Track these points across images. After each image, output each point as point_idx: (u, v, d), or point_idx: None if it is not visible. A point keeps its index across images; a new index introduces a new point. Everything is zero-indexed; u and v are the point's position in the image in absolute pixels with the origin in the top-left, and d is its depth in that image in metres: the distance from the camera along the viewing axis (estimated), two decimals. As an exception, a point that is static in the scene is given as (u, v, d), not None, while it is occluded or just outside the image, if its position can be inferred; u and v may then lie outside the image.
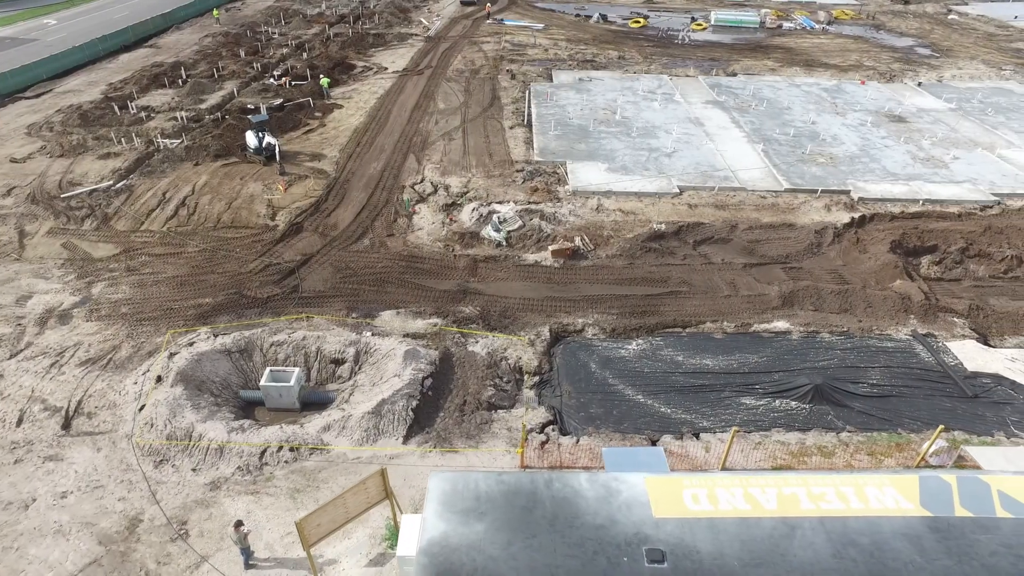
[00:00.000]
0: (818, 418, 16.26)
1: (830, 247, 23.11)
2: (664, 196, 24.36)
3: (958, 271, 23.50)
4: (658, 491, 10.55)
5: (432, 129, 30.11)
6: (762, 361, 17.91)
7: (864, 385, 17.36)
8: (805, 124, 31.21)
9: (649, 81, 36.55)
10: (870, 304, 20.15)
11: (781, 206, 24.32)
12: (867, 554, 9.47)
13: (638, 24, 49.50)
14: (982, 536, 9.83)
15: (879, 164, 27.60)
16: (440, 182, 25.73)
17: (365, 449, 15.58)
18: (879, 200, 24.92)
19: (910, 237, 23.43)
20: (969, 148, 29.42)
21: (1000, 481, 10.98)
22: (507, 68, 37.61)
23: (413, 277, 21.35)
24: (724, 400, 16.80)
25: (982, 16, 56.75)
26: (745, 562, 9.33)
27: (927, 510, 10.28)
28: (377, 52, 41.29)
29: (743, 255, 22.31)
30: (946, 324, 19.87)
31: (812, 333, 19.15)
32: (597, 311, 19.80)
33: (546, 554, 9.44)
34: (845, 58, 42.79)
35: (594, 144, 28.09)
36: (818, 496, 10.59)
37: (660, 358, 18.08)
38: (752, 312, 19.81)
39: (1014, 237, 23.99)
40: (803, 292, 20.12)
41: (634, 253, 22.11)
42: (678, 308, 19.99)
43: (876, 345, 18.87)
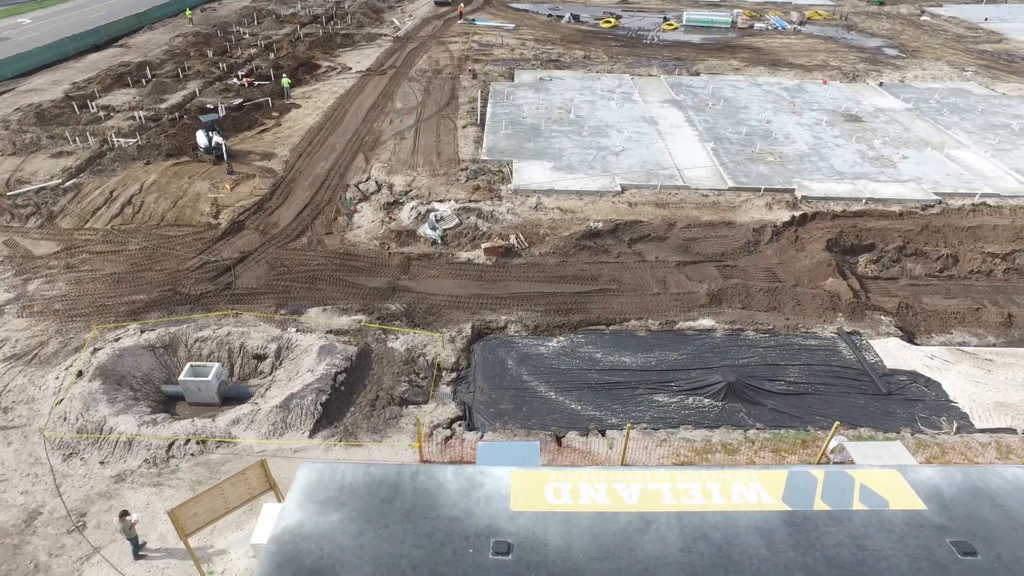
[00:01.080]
0: (729, 415, 16.30)
1: (768, 245, 23.15)
2: (605, 194, 24.43)
3: (895, 270, 23.53)
4: (521, 485, 10.62)
5: (385, 129, 30.25)
6: (681, 359, 17.96)
7: (780, 383, 17.37)
8: (760, 123, 31.25)
9: (610, 80, 36.63)
10: (799, 302, 20.16)
11: (723, 204, 24.37)
12: (716, 548, 9.51)
13: (609, 24, 49.64)
14: (833, 528, 9.87)
15: (827, 163, 27.60)
16: (385, 181, 25.87)
17: (271, 442, 15.70)
18: (822, 199, 24.91)
19: (848, 236, 23.43)
20: (919, 148, 29.38)
21: (865, 475, 11.02)
22: (470, 68, 37.72)
23: (346, 275, 21.51)
24: (637, 397, 16.82)
25: (954, 18, 56.78)
26: (591, 556, 9.39)
27: (787, 504, 10.31)
28: (344, 52, 41.47)
29: (678, 253, 22.36)
30: (873, 322, 19.91)
31: (737, 331, 19.18)
32: (522, 308, 19.85)
33: (394, 544, 9.53)
34: (812, 58, 42.81)
35: (543, 143, 28.18)
36: (682, 492, 10.63)
37: (578, 355, 18.14)
38: (679, 310, 19.85)
39: (951, 236, 23.98)
40: (731, 290, 20.14)
41: (567, 251, 22.18)
42: (605, 306, 20.05)
43: (800, 343, 18.88)
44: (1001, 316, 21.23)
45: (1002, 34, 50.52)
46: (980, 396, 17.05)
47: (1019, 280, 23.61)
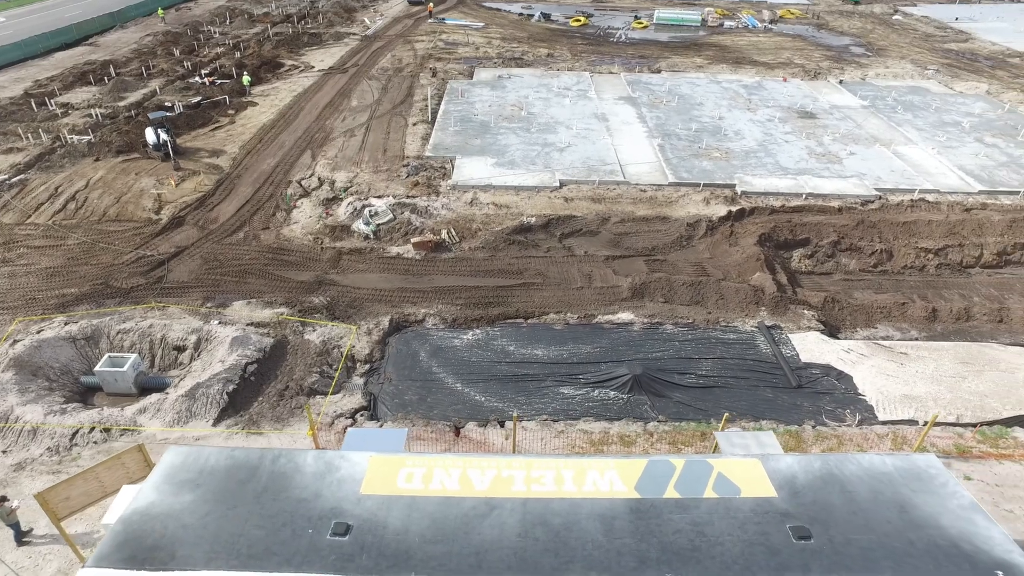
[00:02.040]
0: (633, 408, 16.34)
1: (701, 240, 23.18)
2: (543, 190, 24.50)
3: (830, 264, 23.52)
4: (377, 470, 10.72)
5: (337, 126, 30.43)
6: (594, 352, 18.00)
7: (691, 376, 17.46)
8: (712, 120, 31.25)
9: (568, 78, 36.70)
10: (722, 296, 20.18)
11: (660, 200, 24.40)
12: (553, 534, 9.56)
13: (578, 23, 49.75)
14: (677, 515, 9.91)
15: (773, 159, 27.57)
16: (328, 177, 26.04)
17: (175, 430, 15.88)
18: (762, 194, 24.88)
19: (782, 230, 23.42)
20: (868, 144, 29.32)
21: (724, 464, 11.05)
22: (431, 66, 37.93)
23: (276, 269, 21.64)
24: (543, 389, 16.88)
25: (926, 17, 56.67)
26: (426, 539, 9.48)
27: (638, 492, 10.35)
28: (310, 51, 41.69)
29: (608, 248, 22.42)
30: (795, 316, 19.91)
31: (655, 325, 19.24)
32: (443, 302, 19.99)
33: (237, 524, 9.65)
34: (777, 56, 42.77)
35: (490, 139, 28.29)
36: (535, 479, 10.69)
37: (491, 348, 18.21)
38: (601, 304, 19.93)
39: (886, 231, 23.95)
40: (654, 284, 20.19)
41: (497, 246, 22.28)
42: (527, 299, 20.12)
43: (718, 337, 18.89)
44: (925, 311, 21.22)
45: (970, 34, 50.39)
46: (888, 389, 17.04)
47: (951, 275, 23.62)
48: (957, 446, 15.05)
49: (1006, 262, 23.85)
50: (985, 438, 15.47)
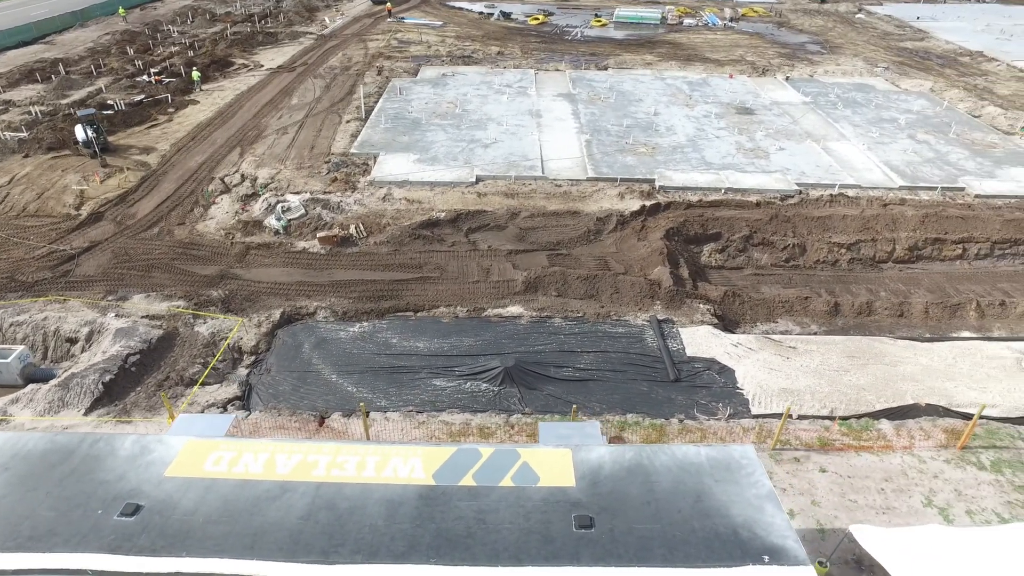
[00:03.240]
0: (503, 400, 16.29)
1: (610, 235, 23.16)
2: (459, 185, 24.53)
3: (741, 259, 23.47)
4: (189, 454, 10.79)
5: (271, 124, 30.55)
6: (476, 345, 17.93)
7: (568, 369, 17.39)
8: (646, 116, 31.20)
9: (512, 75, 36.71)
10: (617, 290, 20.16)
11: (574, 194, 24.39)
12: (336, 517, 9.59)
13: (536, 21, 49.92)
14: (464, 503, 9.92)
15: (700, 154, 27.48)
16: (251, 174, 26.15)
17: (44, 419, 15.98)
18: (681, 188, 24.80)
19: (692, 225, 23.37)
20: (799, 140, 29.16)
21: (533, 454, 11.01)
22: (378, 64, 38.08)
23: (183, 263, 21.78)
24: (416, 381, 16.86)
25: (888, 16, 56.54)
26: (211, 520, 9.54)
27: (434, 480, 10.37)
28: (264, 50, 41.92)
29: (513, 242, 22.43)
30: (691, 310, 19.83)
31: (545, 318, 19.22)
32: (338, 295, 20.05)
33: (29, 507, 9.71)
34: (730, 53, 42.69)
35: (418, 136, 28.35)
36: (339, 464, 10.73)
37: (374, 340, 18.25)
38: (493, 297, 19.93)
39: (800, 226, 23.83)
40: (548, 278, 20.15)
41: (402, 240, 22.33)
42: (421, 293, 20.18)
43: (606, 330, 18.80)
44: (827, 305, 21.11)
45: (928, 32, 50.20)
46: (769, 383, 16.94)
47: (863, 270, 23.55)
48: (820, 439, 14.97)
49: (917, 257, 23.75)
50: (850, 431, 15.43)
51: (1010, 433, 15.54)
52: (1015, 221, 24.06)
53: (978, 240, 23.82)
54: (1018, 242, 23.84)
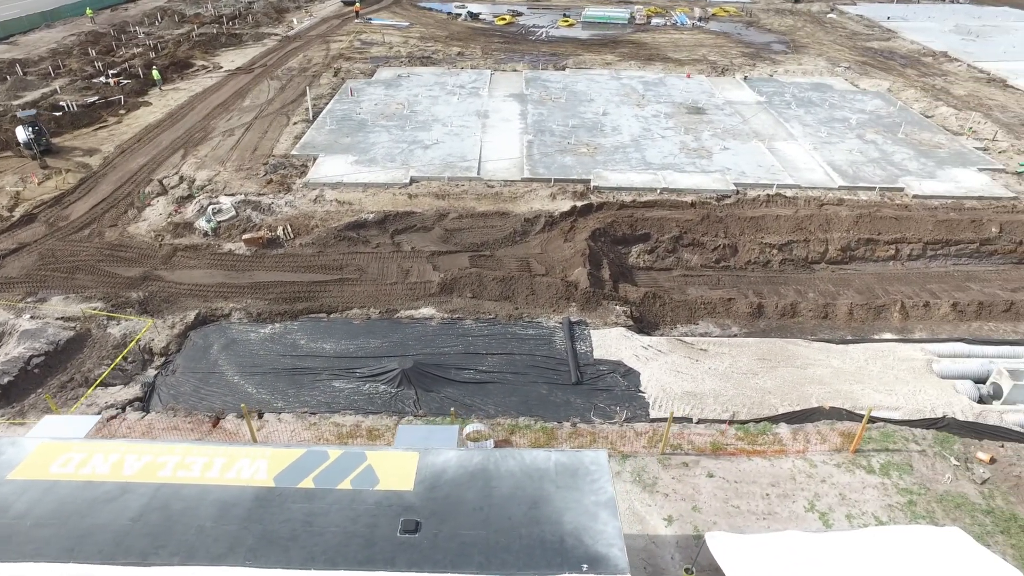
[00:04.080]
0: (399, 402, 16.19)
1: (537, 235, 23.01)
2: (392, 187, 24.44)
3: (670, 260, 23.34)
4: (40, 456, 10.64)
5: (219, 125, 30.56)
6: (382, 346, 17.82)
7: (470, 371, 17.31)
8: (595, 116, 31.07)
9: (467, 76, 36.64)
10: (533, 291, 20.02)
11: (505, 195, 24.27)
12: (166, 518, 9.52)
13: (503, 21, 49.86)
14: (297, 505, 9.81)
15: (641, 154, 27.29)
16: (190, 176, 26.11)
17: (-65, 422, 16.21)
18: (616, 189, 24.65)
19: (621, 225, 23.26)
20: (746, 140, 28.98)
21: (380, 457, 10.92)
22: (336, 66, 38.06)
23: (109, 265, 21.75)
24: (317, 383, 16.77)
25: (860, 16, 56.24)
26: (40, 523, 9.45)
27: (274, 482, 10.28)
28: (226, 52, 41.96)
29: (437, 243, 22.33)
30: (606, 311, 19.68)
31: (455, 320, 19.16)
32: (256, 296, 19.96)
33: None
34: (693, 53, 42.54)
35: (361, 138, 28.26)
36: (187, 465, 10.65)
37: (282, 342, 18.15)
38: (409, 299, 19.84)
39: (733, 227, 23.68)
40: (465, 279, 20.05)
41: (328, 242, 22.26)
42: (338, 294, 20.07)
43: (516, 332, 18.57)
44: (750, 307, 20.97)
45: (896, 32, 49.91)
46: (673, 386, 16.80)
47: (794, 271, 23.36)
48: (714, 443, 14.81)
49: (850, 258, 23.55)
50: (745, 435, 15.26)
51: (905, 436, 15.35)
52: (947, 222, 23.84)
53: (911, 241, 23.60)
54: (950, 243, 23.64)
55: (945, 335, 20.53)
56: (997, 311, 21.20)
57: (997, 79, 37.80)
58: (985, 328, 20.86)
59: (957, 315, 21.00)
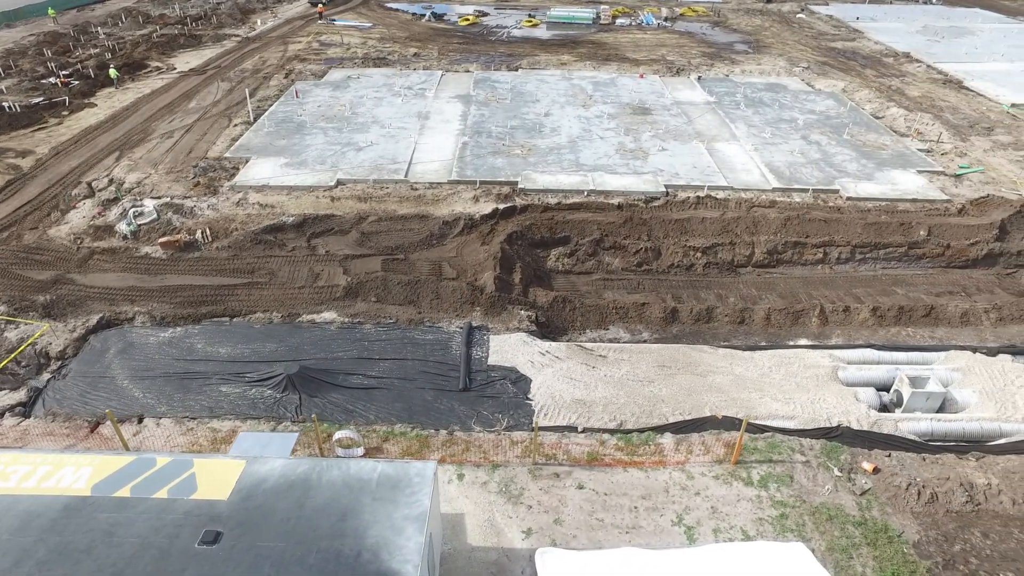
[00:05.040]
0: (281, 407, 15.86)
1: (455, 239, 22.72)
2: (317, 189, 24.19)
3: (591, 263, 23.03)
4: None
5: (160, 128, 30.40)
6: (277, 350, 17.52)
7: (359, 376, 16.99)
8: (537, 117, 30.77)
9: (418, 77, 36.39)
10: (438, 296, 19.74)
11: (428, 198, 24.03)
12: None
13: (467, 22, 49.58)
14: (104, 514, 9.65)
15: (576, 155, 26.95)
16: (120, 178, 25.95)
17: None
18: (542, 191, 24.36)
19: (540, 228, 22.93)
20: (686, 140, 28.65)
21: (206, 464, 10.73)
22: (287, 67, 37.79)
23: (20, 268, 21.53)
24: (204, 387, 16.50)
25: (830, 16, 55.67)
26: None
27: (91, 491, 10.09)
28: (183, 53, 41.85)
29: (352, 247, 22.06)
30: (511, 317, 19.35)
31: (355, 324, 18.85)
32: (163, 300, 19.75)
33: None
34: (652, 53, 42.18)
35: (297, 140, 28.01)
36: (6, 475, 10.45)
37: (180, 346, 17.92)
38: (314, 303, 19.56)
39: (657, 229, 23.33)
40: (370, 283, 19.78)
41: (244, 245, 22.01)
42: (246, 298, 19.80)
43: (415, 337, 18.22)
44: (664, 311, 20.69)
45: (863, 33, 49.47)
46: (563, 393, 16.45)
47: (718, 274, 23.00)
48: (591, 454, 14.50)
49: (778, 261, 23.19)
50: (626, 445, 14.95)
51: (792, 446, 15.01)
52: (877, 225, 23.46)
53: (839, 244, 23.22)
54: (878, 246, 23.26)
55: (862, 340, 20.23)
56: (917, 316, 20.87)
57: (954, 80, 37.41)
58: (903, 334, 20.54)
59: (877, 320, 20.68)
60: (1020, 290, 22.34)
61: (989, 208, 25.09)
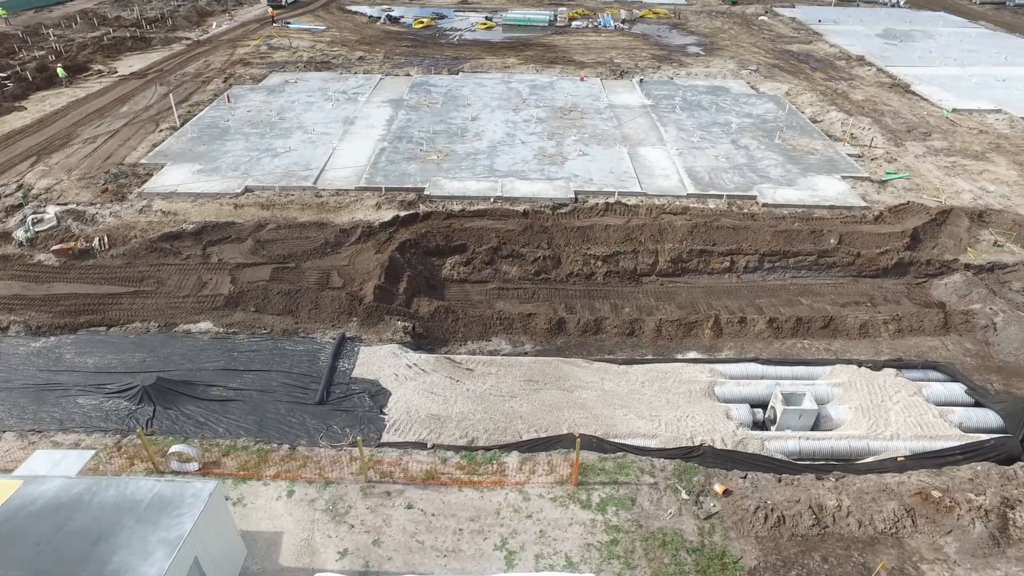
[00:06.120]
0: (135, 419, 15.48)
1: (351, 247, 22.35)
2: (223, 196, 23.87)
3: (487, 272, 22.61)
4: None
5: (84, 132, 30.16)
6: (145, 361, 17.22)
7: (219, 388, 16.67)
8: (464, 121, 30.42)
9: (356, 81, 36.09)
10: (317, 306, 19.41)
11: (331, 205, 23.70)
12: None
13: (421, 24, 49.22)
14: None
15: (491, 161, 26.54)
16: (31, 184, 25.67)
17: None
18: (448, 197, 23.98)
19: (435, 236, 22.54)
20: (610, 145, 28.18)
21: None
22: (229, 71, 37.56)
23: (-94, 277, 21.75)
24: (61, 399, 16.21)
25: (793, 18, 54.96)
26: None
27: None
28: (130, 56, 41.68)
29: (246, 255, 21.72)
30: (387, 327, 18.97)
31: (232, 334, 18.58)
32: (43, 309, 19.48)
33: None
34: (601, 56, 41.74)
35: (217, 146, 27.75)
36: None
37: (48, 356, 17.59)
38: (194, 312, 19.23)
39: (558, 237, 22.88)
40: (251, 293, 19.48)
41: (139, 253, 21.76)
42: (128, 307, 19.55)
43: (287, 348, 17.82)
44: (549, 322, 20.22)
45: (822, 35, 48.88)
46: (420, 408, 16.02)
47: (619, 284, 22.51)
48: (429, 472, 14.11)
49: (683, 270, 22.72)
50: (469, 463, 14.55)
51: (642, 467, 14.54)
52: (787, 232, 22.90)
53: (747, 252, 22.67)
54: (788, 254, 22.68)
55: (754, 354, 19.73)
56: (815, 328, 20.34)
57: (901, 84, 36.77)
58: (798, 346, 20.02)
59: (773, 332, 20.16)
60: (928, 300, 21.86)
61: (907, 215, 24.49)
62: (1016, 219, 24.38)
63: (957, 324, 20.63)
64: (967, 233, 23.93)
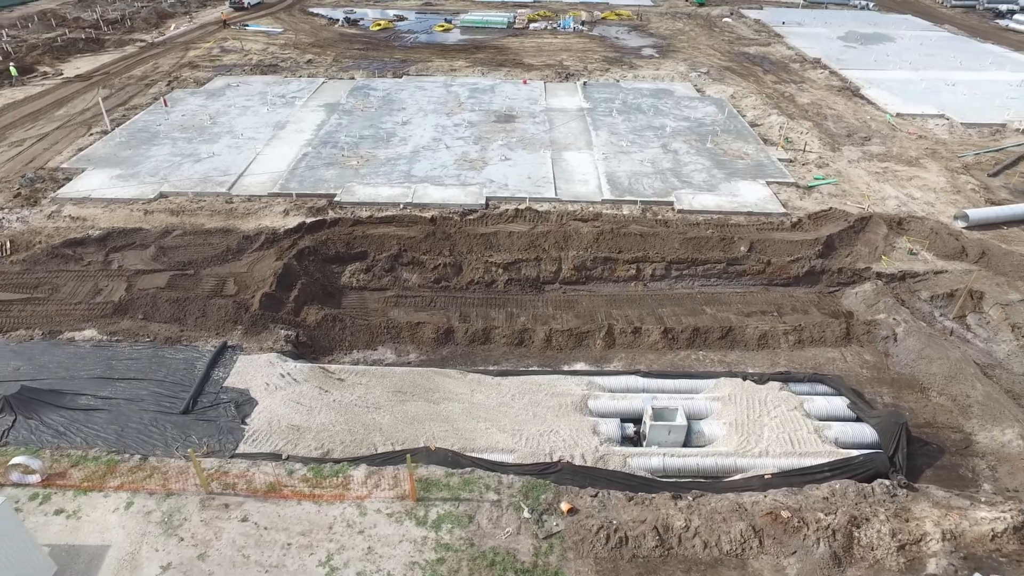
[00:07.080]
0: None
1: (252, 254, 22.17)
2: (135, 202, 23.80)
3: (387, 279, 22.38)
4: None
5: (13, 135, 30.09)
6: (20, 369, 17.00)
7: (88, 398, 16.66)
8: (394, 126, 30.24)
9: (297, 85, 35.95)
10: (205, 313, 19.25)
11: (239, 211, 23.55)
12: None
13: (378, 27, 48.99)
14: None
15: (410, 166, 26.38)
16: (-53, 189, 26.14)
17: None
18: (359, 204, 23.78)
19: (336, 243, 22.35)
20: (535, 149, 27.95)
21: None
22: (175, 75, 37.49)
23: None
24: (-75, 410, 16.63)
25: (757, 20, 54.45)
26: None
27: None
28: (80, 58, 41.68)
29: (148, 262, 21.54)
30: (270, 336, 18.75)
31: (115, 342, 18.45)
32: (-70, 317, 19.80)
33: None
34: (552, 58, 41.42)
35: (143, 151, 27.66)
36: None
37: (-79, 365, 18.02)
38: (83, 320, 19.11)
39: (460, 244, 22.64)
40: (140, 300, 19.36)
41: (39, 259, 21.61)
42: (17, 315, 19.35)
43: (166, 356, 17.67)
44: (437, 332, 19.94)
45: (782, 37, 48.37)
46: (283, 418, 15.82)
47: (520, 292, 22.18)
48: (271, 484, 13.88)
49: (587, 278, 22.38)
50: (313, 476, 14.34)
51: (488, 483, 14.28)
52: (696, 239, 22.55)
53: (653, 260, 22.32)
54: (697, 262, 22.32)
55: (645, 365, 19.34)
56: (712, 338, 19.97)
57: (851, 88, 36.29)
58: (692, 357, 19.67)
59: (668, 343, 19.82)
60: (837, 310, 21.41)
61: (826, 222, 24.05)
62: (935, 227, 23.92)
63: (860, 335, 20.24)
64: (884, 241, 23.51)
